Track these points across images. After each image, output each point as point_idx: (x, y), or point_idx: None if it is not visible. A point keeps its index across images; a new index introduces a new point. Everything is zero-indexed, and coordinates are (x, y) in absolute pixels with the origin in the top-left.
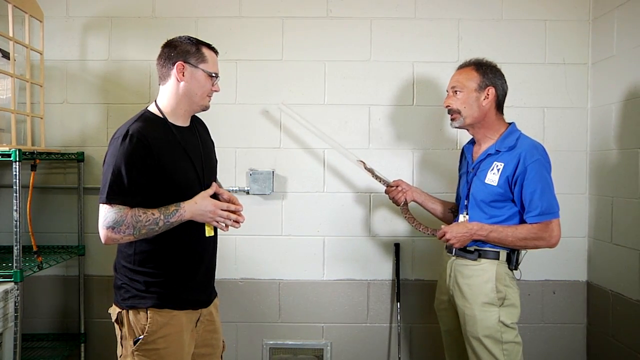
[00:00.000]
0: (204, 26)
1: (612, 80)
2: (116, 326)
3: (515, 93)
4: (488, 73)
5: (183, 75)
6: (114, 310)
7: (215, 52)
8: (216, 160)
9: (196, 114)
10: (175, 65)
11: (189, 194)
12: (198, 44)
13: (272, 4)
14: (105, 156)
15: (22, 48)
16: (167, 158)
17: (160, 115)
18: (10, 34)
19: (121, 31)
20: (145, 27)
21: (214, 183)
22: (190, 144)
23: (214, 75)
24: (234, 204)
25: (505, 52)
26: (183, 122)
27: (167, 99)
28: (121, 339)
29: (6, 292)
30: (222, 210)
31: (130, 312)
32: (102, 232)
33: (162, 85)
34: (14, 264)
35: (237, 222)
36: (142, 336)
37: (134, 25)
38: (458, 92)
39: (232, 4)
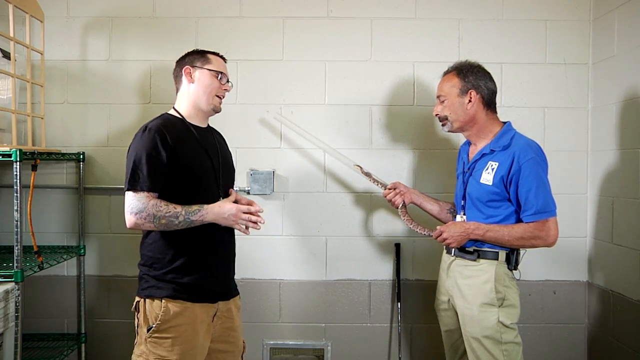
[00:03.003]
0: (205, 26)
1: (613, 80)
2: (135, 314)
3: (516, 93)
4: (468, 76)
5: (191, 77)
6: (135, 301)
7: (223, 58)
8: (234, 169)
9: (214, 128)
10: (184, 70)
11: (207, 187)
12: (204, 52)
13: (272, 4)
14: (128, 151)
15: (22, 48)
16: (184, 149)
17: (178, 116)
18: (11, 34)
19: (122, 31)
20: (145, 27)
21: (232, 191)
22: (207, 142)
23: (219, 73)
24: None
25: (505, 52)
26: (200, 123)
27: (182, 102)
28: (137, 326)
29: (7, 292)
30: (243, 213)
31: (147, 300)
32: (127, 217)
33: (178, 93)
34: (15, 264)
35: (256, 223)
36: (155, 324)
37: (134, 25)
38: (443, 100)
39: (232, 4)
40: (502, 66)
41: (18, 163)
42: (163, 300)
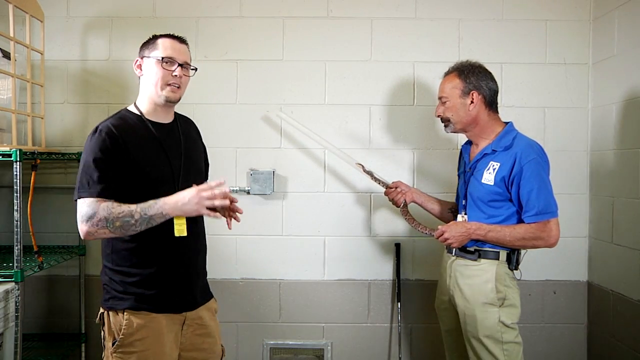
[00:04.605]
0: (205, 26)
1: (613, 80)
2: (100, 326)
3: (516, 93)
4: (470, 77)
5: (141, 70)
6: (99, 312)
7: (179, 40)
8: (206, 164)
9: (186, 116)
10: (134, 62)
11: (162, 189)
12: (158, 37)
13: (272, 4)
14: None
15: (22, 48)
16: (139, 151)
17: (137, 112)
18: (11, 34)
19: (122, 31)
20: (145, 27)
21: (194, 185)
22: (168, 139)
23: (164, 59)
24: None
25: (505, 52)
26: (162, 118)
27: (140, 97)
28: (103, 339)
29: (7, 292)
30: (205, 192)
31: (110, 313)
32: (79, 227)
33: None
34: (15, 264)
35: (225, 198)
36: (118, 339)
37: (134, 25)
38: (445, 101)
39: (232, 4)
40: (502, 66)
41: (18, 163)
42: (125, 313)
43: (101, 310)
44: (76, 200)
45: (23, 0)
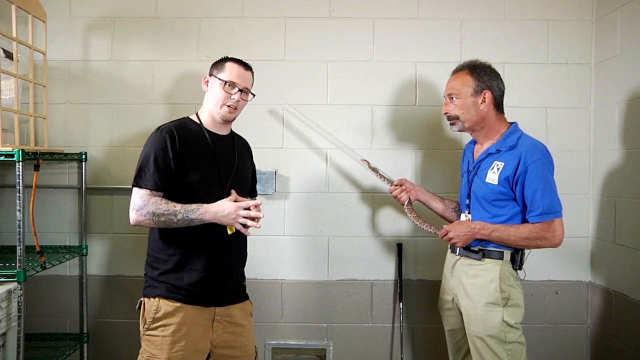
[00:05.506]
0: (207, 26)
1: (615, 80)
2: (139, 313)
3: (518, 93)
4: (483, 76)
5: (207, 86)
6: (139, 300)
7: (245, 66)
8: (254, 180)
9: (242, 136)
10: (203, 78)
11: (209, 193)
12: (228, 59)
13: (274, 4)
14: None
15: (25, 48)
16: (192, 154)
17: (197, 122)
18: (14, 35)
19: (124, 31)
20: (148, 27)
21: (232, 191)
22: (221, 150)
23: (226, 82)
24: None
25: (508, 52)
26: (219, 130)
27: (203, 109)
28: (140, 325)
29: (9, 291)
30: (243, 211)
31: (145, 299)
32: (130, 214)
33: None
34: (17, 264)
35: (255, 220)
36: (148, 322)
37: (136, 26)
38: (455, 99)
39: (234, 4)
40: (505, 66)
41: (20, 163)
42: (157, 299)
43: (141, 298)
44: (132, 188)
45: (25, 0)
